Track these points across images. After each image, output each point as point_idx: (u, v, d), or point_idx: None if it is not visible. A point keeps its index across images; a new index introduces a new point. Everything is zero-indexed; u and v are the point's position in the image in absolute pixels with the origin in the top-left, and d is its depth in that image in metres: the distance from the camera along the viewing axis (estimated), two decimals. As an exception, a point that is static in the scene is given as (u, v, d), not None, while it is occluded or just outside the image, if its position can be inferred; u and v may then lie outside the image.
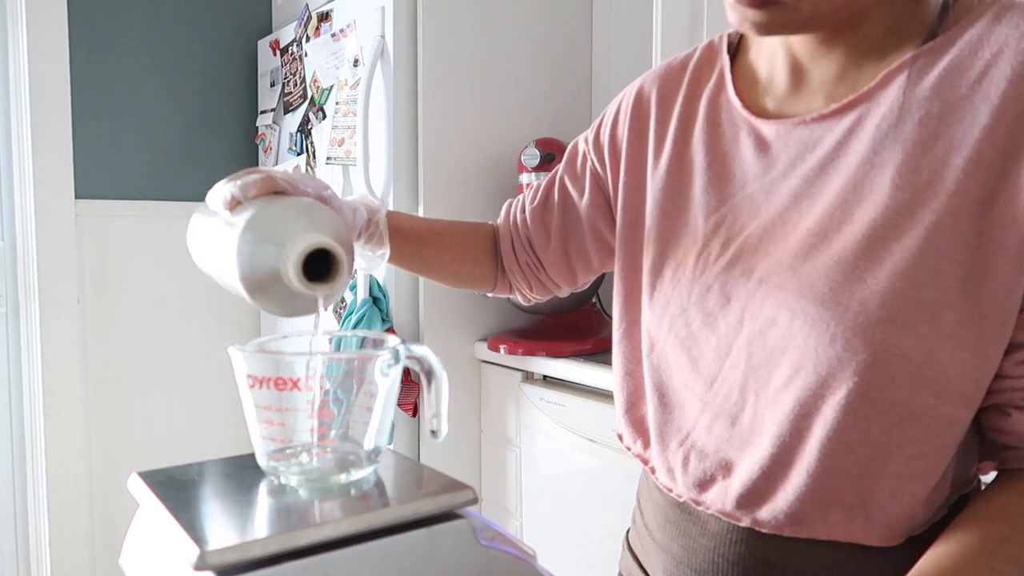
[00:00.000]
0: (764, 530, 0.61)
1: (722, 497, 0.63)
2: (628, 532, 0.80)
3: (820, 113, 0.60)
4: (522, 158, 1.62)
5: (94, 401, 2.04)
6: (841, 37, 0.60)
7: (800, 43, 0.62)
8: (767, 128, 0.64)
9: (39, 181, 1.92)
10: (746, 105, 0.67)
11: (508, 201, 0.91)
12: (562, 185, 0.84)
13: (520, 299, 0.92)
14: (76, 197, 1.98)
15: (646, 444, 0.72)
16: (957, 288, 0.52)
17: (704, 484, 0.65)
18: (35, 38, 1.90)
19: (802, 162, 0.61)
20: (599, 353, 1.55)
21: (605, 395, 1.41)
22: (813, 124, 0.61)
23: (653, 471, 0.71)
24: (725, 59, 0.70)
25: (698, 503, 0.65)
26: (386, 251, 0.77)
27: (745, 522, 0.62)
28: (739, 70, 0.70)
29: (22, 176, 1.93)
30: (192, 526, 0.45)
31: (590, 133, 0.82)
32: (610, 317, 1.81)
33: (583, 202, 0.82)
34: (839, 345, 0.54)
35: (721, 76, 0.70)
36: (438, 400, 0.57)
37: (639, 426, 0.73)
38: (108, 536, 2.05)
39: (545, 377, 1.58)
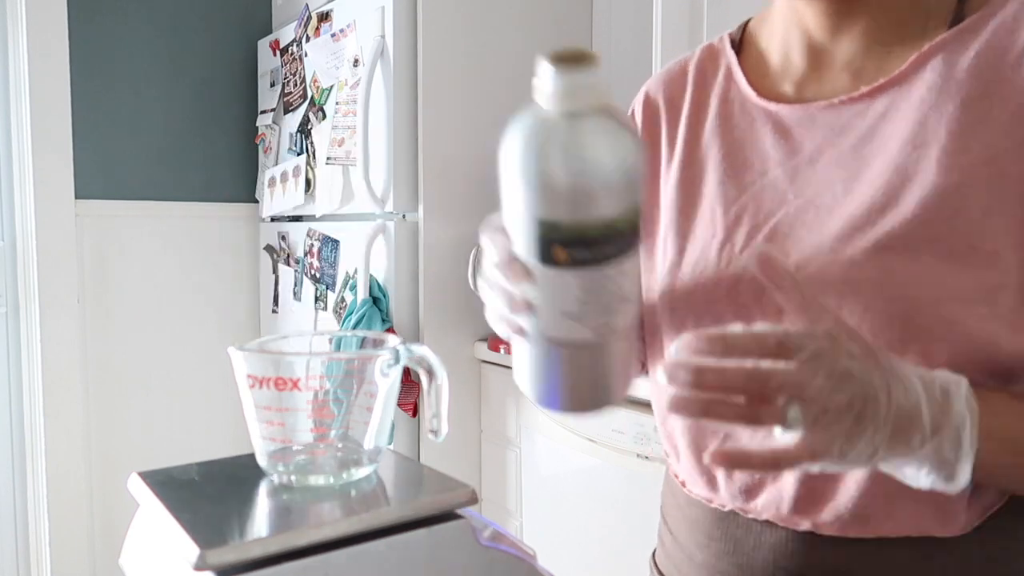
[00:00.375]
0: (827, 533, 0.57)
1: (776, 501, 0.58)
2: (654, 553, 0.75)
3: (849, 96, 0.59)
4: (522, 158, 1.62)
5: (94, 401, 2.04)
6: (858, 10, 0.59)
7: (815, 22, 0.61)
8: (788, 113, 0.62)
9: (39, 181, 1.92)
10: (761, 94, 0.64)
11: None
12: None
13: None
14: (76, 197, 1.98)
15: (678, 456, 0.67)
16: (1014, 270, 0.52)
17: (751, 490, 0.60)
18: (35, 38, 1.90)
19: (831, 147, 0.59)
20: (599, 353, 1.55)
21: (605, 395, 1.41)
22: (842, 107, 0.59)
23: (684, 484, 0.67)
24: (730, 55, 0.69)
25: (746, 511, 0.61)
26: None
27: (804, 526, 0.57)
28: (747, 63, 0.68)
29: (22, 176, 1.93)
30: (192, 526, 0.45)
31: None
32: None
33: None
34: (897, 329, 0.52)
35: (728, 73, 0.68)
36: (438, 400, 0.57)
37: (670, 438, 0.68)
38: (108, 536, 2.05)
39: (545, 377, 1.58)
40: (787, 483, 0.58)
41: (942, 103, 0.55)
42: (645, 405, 1.32)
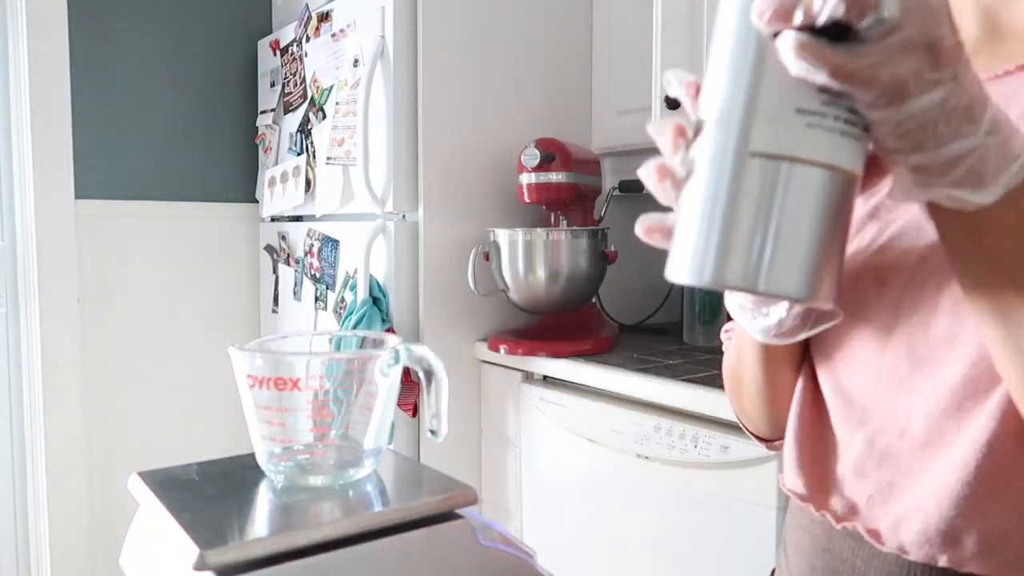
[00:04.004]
0: (918, 559, 0.50)
1: (879, 518, 0.53)
2: (772, 573, 0.68)
3: (1016, 64, 0.50)
4: (522, 158, 1.62)
5: (94, 401, 2.04)
6: None
7: None
8: None
9: (39, 181, 1.92)
10: None
11: None
12: None
13: None
14: (76, 197, 1.98)
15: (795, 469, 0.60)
16: None
17: (854, 507, 0.54)
18: (35, 38, 1.89)
19: None
20: (599, 353, 1.55)
21: (605, 395, 1.41)
22: (1007, 78, 0.49)
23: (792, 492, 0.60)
24: None
25: (850, 521, 0.55)
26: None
27: (890, 546, 0.51)
28: None
29: (22, 176, 1.93)
30: (192, 526, 0.45)
31: None
32: (610, 317, 1.81)
33: None
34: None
35: None
36: (438, 400, 0.57)
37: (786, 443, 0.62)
38: (108, 536, 2.05)
39: (545, 377, 1.58)
40: (898, 504, 0.52)
41: None
42: (644, 405, 1.32)
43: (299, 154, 1.97)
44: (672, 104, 1.39)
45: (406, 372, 0.56)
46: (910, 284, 0.50)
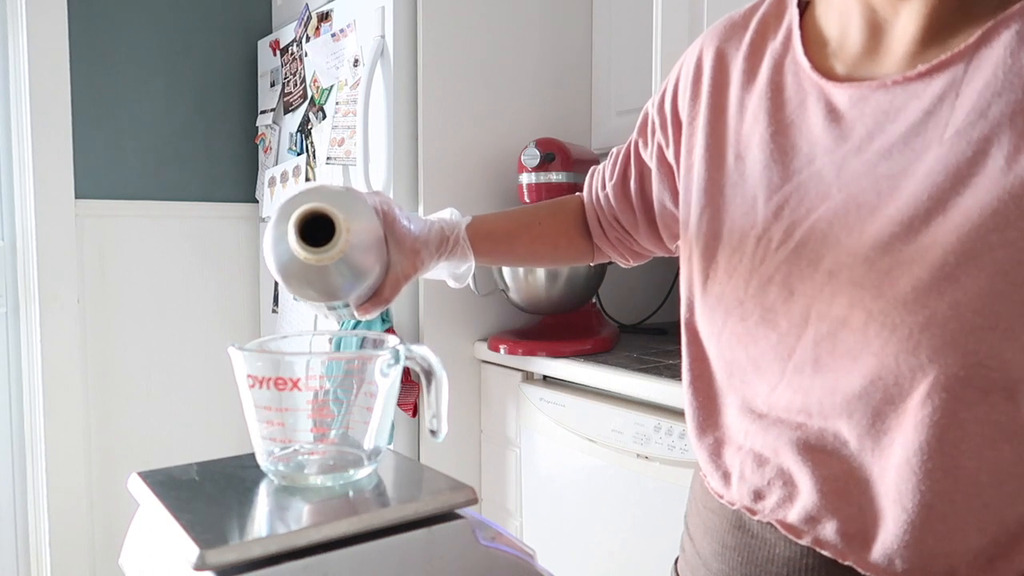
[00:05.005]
0: (826, 552, 0.54)
1: (783, 507, 0.57)
2: (676, 561, 0.73)
3: (904, 75, 0.51)
4: (522, 158, 1.62)
5: (94, 401, 2.04)
6: None
7: None
8: (839, 93, 0.54)
9: (39, 181, 1.92)
10: (816, 67, 0.57)
11: (591, 170, 0.85)
12: (637, 155, 0.77)
13: (620, 264, 0.87)
14: (76, 197, 1.98)
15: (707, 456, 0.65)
16: None
17: (761, 491, 0.58)
18: (35, 38, 1.89)
19: (881, 133, 0.51)
20: (599, 353, 1.55)
21: (605, 395, 1.41)
22: (896, 88, 0.51)
23: (706, 477, 0.65)
24: (794, 13, 0.61)
25: (753, 512, 0.59)
26: (470, 264, 0.75)
27: (805, 540, 0.55)
28: (807, 28, 0.60)
29: (22, 176, 1.93)
30: (192, 526, 0.45)
31: (655, 97, 0.73)
32: (610, 317, 1.81)
33: (655, 174, 0.74)
34: (924, 355, 0.46)
35: (788, 34, 0.60)
36: (438, 400, 0.57)
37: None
38: (108, 536, 2.05)
39: (545, 377, 1.58)
40: (802, 490, 0.55)
41: (1009, 88, 0.46)
42: (645, 405, 1.32)
43: (299, 154, 1.97)
44: None
45: (406, 372, 0.56)
46: (819, 296, 0.52)
